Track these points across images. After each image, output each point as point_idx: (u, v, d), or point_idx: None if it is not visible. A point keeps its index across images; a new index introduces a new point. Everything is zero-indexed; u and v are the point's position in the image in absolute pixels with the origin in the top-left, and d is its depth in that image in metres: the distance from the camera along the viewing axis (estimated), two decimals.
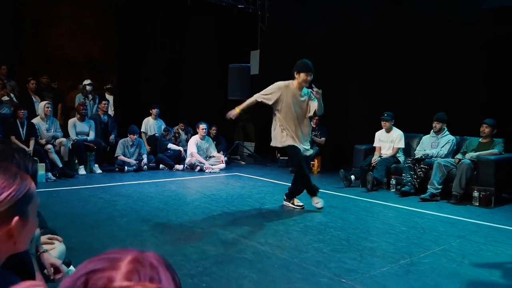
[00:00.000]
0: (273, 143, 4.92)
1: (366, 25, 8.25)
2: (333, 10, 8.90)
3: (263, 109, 10.72)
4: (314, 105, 4.81)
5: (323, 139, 8.09)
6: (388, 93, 7.74)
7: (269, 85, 4.87)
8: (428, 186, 5.75)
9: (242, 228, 3.96)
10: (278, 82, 4.81)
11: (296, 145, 4.70)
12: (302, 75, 4.69)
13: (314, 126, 8.13)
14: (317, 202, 4.80)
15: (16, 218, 0.94)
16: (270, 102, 4.77)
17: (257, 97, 4.85)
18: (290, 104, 4.71)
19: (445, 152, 6.15)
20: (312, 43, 9.35)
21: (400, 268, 3.01)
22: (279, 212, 4.66)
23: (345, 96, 8.70)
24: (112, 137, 7.82)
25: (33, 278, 1.33)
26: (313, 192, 4.82)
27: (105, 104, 7.91)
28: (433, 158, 6.10)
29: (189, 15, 10.02)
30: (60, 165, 6.51)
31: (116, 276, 0.58)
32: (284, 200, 4.99)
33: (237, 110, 4.95)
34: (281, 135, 4.75)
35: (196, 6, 9.78)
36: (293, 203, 4.91)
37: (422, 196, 5.65)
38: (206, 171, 7.76)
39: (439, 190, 5.70)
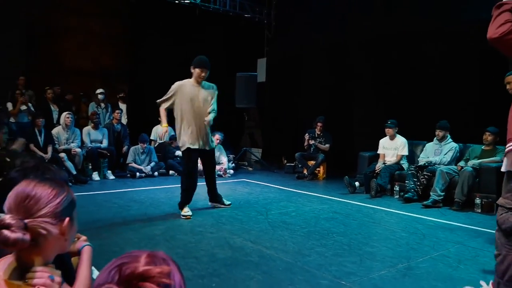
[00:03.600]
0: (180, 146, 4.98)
1: (370, 33, 8.44)
2: (338, 18, 9.11)
3: (270, 116, 10.92)
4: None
5: (327, 145, 8.25)
6: (392, 100, 7.90)
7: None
8: (431, 193, 5.90)
9: (249, 233, 4.16)
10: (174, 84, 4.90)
11: (193, 147, 4.79)
12: (197, 70, 4.78)
13: (318, 132, 8.31)
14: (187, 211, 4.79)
15: (68, 218, 1.18)
16: (169, 103, 4.84)
17: (161, 106, 4.91)
18: (188, 101, 4.77)
19: (448, 159, 6.29)
20: (318, 51, 9.58)
21: (397, 272, 3.19)
22: (284, 218, 4.85)
23: (350, 103, 8.88)
24: (125, 148, 8.05)
25: (72, 276, 1.54)
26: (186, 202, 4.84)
27: (118, 113, 8.18)
28: (436, 165, 6.24)
29: (197, 25, 10.29)
30: (74, 172, 6.77)
31: (139, 265, 0.81)
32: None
33: (164, 125, 5.02)
34: (184, 136, 4.82)
35: (204, 16, 10.04)
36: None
37: (425, 202, 5.81)
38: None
39: (442, 197, 5.85)
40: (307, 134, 8.33)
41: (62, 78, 9.07)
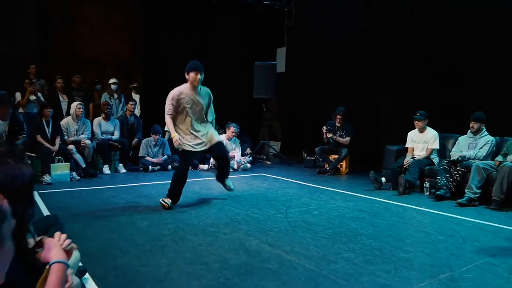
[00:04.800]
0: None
1: (396, 19, 7.90)
2: (362, 4, 8.59)
3: (289, 107, 10.49)
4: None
5: (347, 139, 7.69)
6: (421, 90, 7.37)
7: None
8: (466, 190, 5.39)
9: (267, 234, 3.75)
10: (170, 93, 4.78)
11: (191, 150, 4.73)
12: (192, 74, 4.65)
13: (338, 125, 7.80)
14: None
15: None
16: (174, 110, 4.68)
17: (167, 116, 4.73)
18: (187, 107, 4.70)
19: (484, 154, 5.76)
20: (340, 39, 9.06)
21: (440, 284, 2.74)
22: (306, 217, 4.42)
23: (375, 93, 8.36)
24: (135, 141, 7.67)
25: None
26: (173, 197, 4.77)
27: (132, 104, 7.81)
28: (470, 160, 5.73)
29: (214, 13, 9.88)
30: (83, 165, 6.46)
31: None
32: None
33: (173, 135, 4.71)
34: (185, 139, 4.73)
35: (221, 4, 9.63)
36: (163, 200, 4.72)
37: (459, 201, 5.30)
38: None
39: (478, 195, 5.34)
40: (324, 127, 7.80)
41: (76, 67, 8.79)
